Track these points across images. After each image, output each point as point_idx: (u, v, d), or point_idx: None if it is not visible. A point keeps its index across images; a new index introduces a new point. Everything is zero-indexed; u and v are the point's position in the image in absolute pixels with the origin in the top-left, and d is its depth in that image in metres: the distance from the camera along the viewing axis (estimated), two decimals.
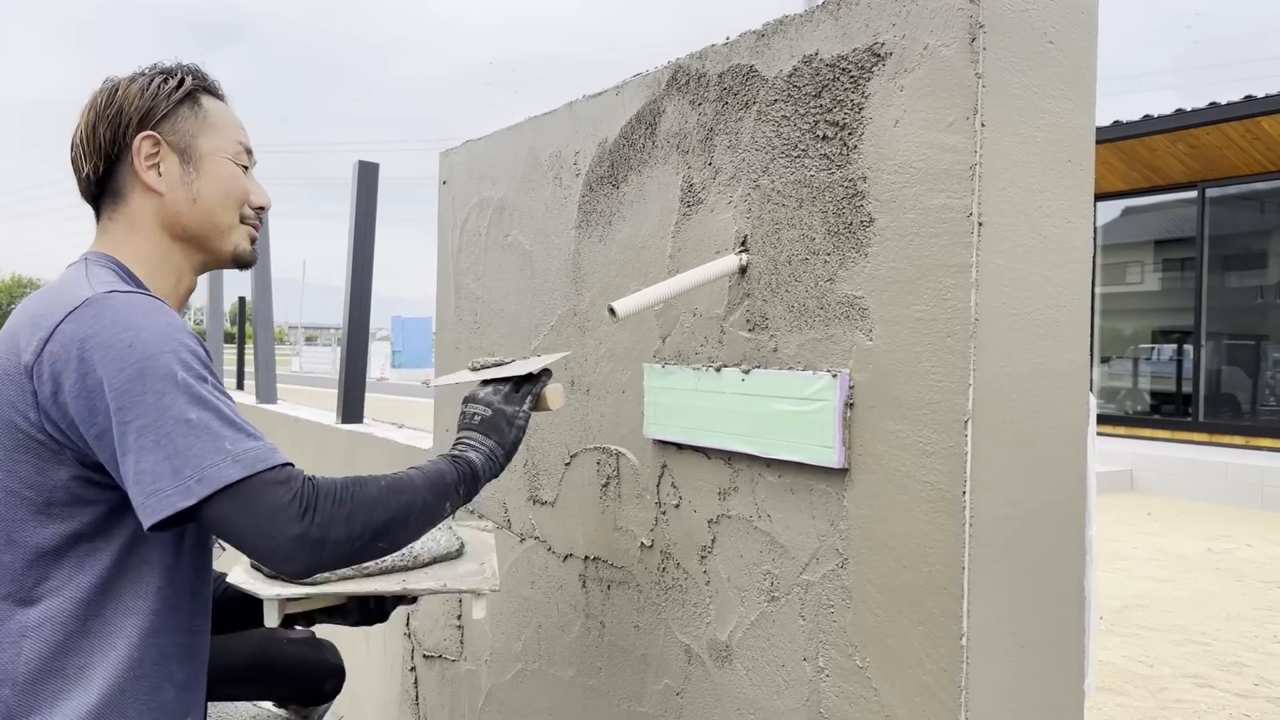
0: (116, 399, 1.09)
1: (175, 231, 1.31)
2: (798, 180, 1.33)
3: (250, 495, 1.09)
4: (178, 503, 1.07)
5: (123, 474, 1.10)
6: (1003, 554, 1.14)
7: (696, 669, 1.50)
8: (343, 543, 1.14)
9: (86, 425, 1.11)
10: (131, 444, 1.08)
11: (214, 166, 1.33)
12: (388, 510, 1.18)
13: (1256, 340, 11.34)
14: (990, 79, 1.11)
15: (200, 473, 1.08)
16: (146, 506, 1.08)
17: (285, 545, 1.09)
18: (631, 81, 1.67)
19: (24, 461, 1.15)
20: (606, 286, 1.72)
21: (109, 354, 1.10)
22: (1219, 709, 4.31)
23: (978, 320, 1.11)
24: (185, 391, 1.10)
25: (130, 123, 1.28)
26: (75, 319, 1.13)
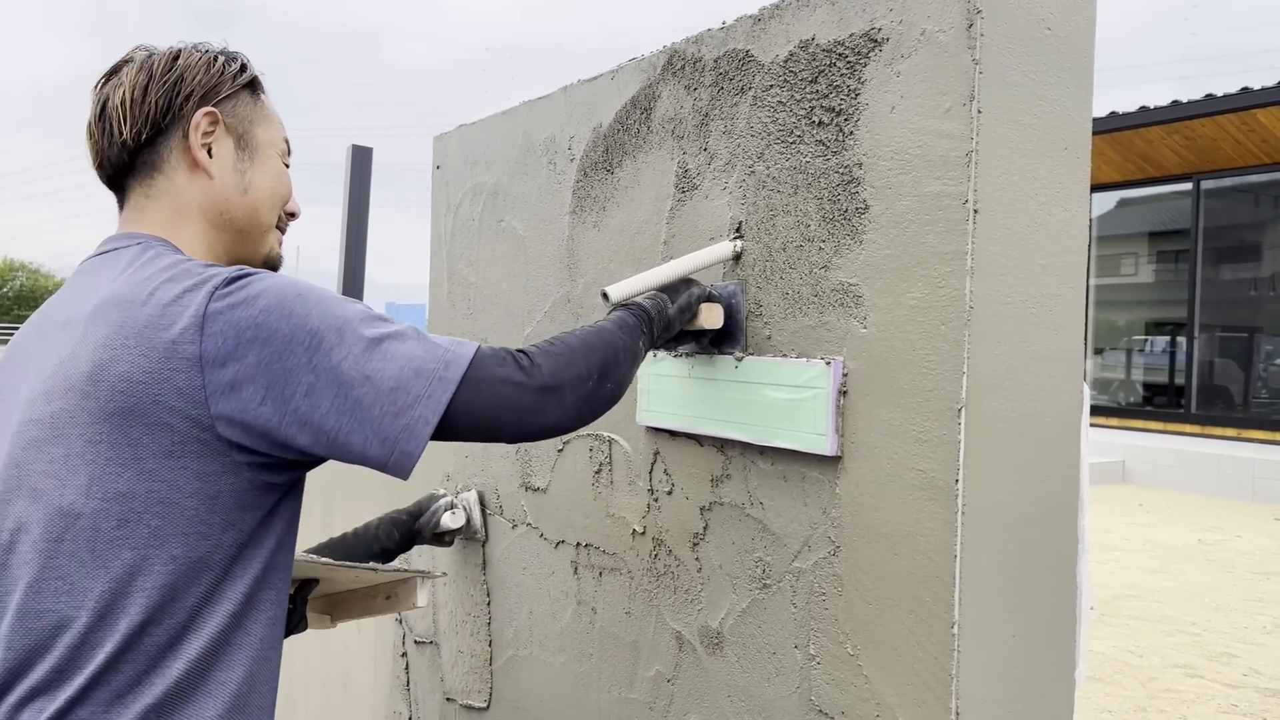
0: (315, 344, 1.03)
1: (220, 221, 1.22)
2: (793, 166, 1.33)
3: (480, 376, 1.08)
4: (441, 398, 1.05)
5: (348, 410, 1.03)
6: (995, 542, 1.14)
7: (688, 656, 1.50)
8: (578, 382, 1.15)
9: (280, 390, 1.02)
10: (356, 373, 1.03)
11: (267, 160, 1.27)
12: (598, 350, 1.19)
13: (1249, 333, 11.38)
14: (987, 65, 1.11)
15: (441, 367, 1.06)
16: (410, 415, 1.04)
17: (534, 401, 1.11)
18: (626, 66, 1.66)
19: (184, 467, 1.03)
20: (600, 272, 1.71)
21: (285, 309, 1.03)
22: (1208, 699, 4.34)
23: (972, 308, 1.10)
24: (377, 318, 1.08)
25: (191, 95, 1.20)
26: (224, 295, 1.04)
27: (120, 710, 1.01)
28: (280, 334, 1.03)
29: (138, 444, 1.02)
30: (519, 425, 1.12)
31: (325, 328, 1.04)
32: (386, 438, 1.05)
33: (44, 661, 1.02)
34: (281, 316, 1.03)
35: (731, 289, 1.42)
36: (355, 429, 1.04)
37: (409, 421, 1.05)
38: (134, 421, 1.02)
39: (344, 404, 1.03)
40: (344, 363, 1.04)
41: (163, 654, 1.02)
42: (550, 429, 1.16)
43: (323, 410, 1.03)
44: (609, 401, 1.21)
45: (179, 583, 1.03)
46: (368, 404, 1.04)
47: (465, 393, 1.07)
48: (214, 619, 1.06)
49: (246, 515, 1.07)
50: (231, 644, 1.07)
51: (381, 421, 1.04)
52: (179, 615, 1.03)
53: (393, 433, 1.05)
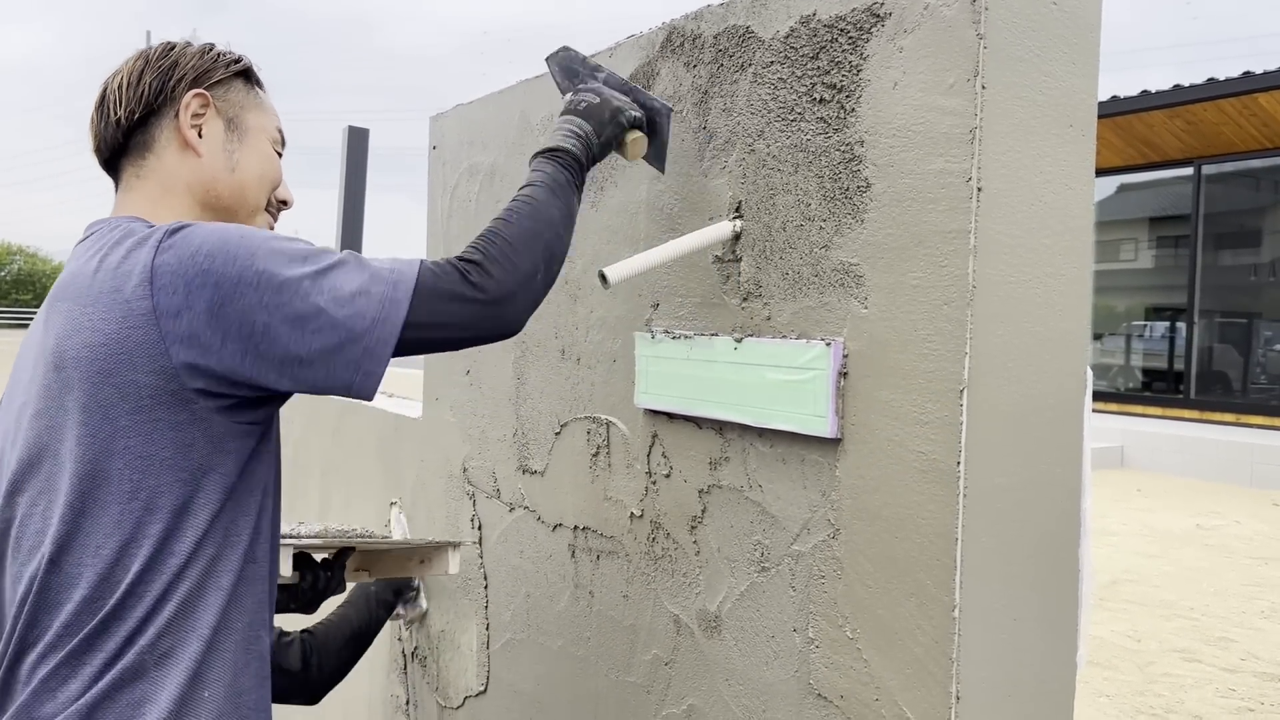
0: (263, 283, 1.06)
1: (207, 199, 1.27)
2: (793, 144, 1.31)
3: (429, 295, 1.11)
4: (395, 319, 1.08)
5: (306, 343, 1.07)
6: (997, 525, 1.12)
7: (685, 639, 1.49)
8: (527, 281, 1.18)
9: (236, 331, 1.06)
10: (308, 305, 1.06)
11: (256, 143, 1.31)
12: (541, 236, 1.21)
13: (1249, 318, 11.37)
14: (992, 40, 1.08)
15: (389, 289, 1.09)
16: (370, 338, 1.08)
17: (487, 313, 1.14)
18: (625, 43, 1.64)
19: (157, 419, 1.08)
20: (598, 253, 1.69)
21: (228, 252, 1.06)
22: (1205, 683, 4.34)
23: (975, 288, 1.09)
24: (319, 251, 1.11)
25: (183, 78, 1.25)
26: (168, 248, 1.08)
27: (121, 657, 1.08)
28: (228, 277, 1.06)
29: (109, 405, 1.07)
30: (476, 333, 1.16)
31: (271, 265, 1.07)
32: (349, 362, 1.08)
33: (50, 617, 1.09)
34: (227, 259, 1.06)
35: (656, 106, 1.40)
36: (317, 359, 1.08)
37: (369, 344, 1.08)
38: (102, 384, 1.07)
39: (301, 336, 1.07)
40: (295, 298, 1.07)
41: (156, 600, 1.09)
42: (504, 334, 1.20)
43: (282, 345, 1.07)
44: (555, 276, 1.25)
45: (166, 533, 1.09)
46: (326, 333, 1.07)
47: (418, 312, 1.10)
48: (200, 560, 1.11)
49: (222, 459, 1.12)
50: (217, 584, 1.13)
51: (343, 349, 1.08)
52: (171, 562, 1.09)
53: (354, 357, 1.08)
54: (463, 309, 1.13)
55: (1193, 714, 4.01)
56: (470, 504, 2.08)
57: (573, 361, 1.76)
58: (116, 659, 1.08)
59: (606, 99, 1.37)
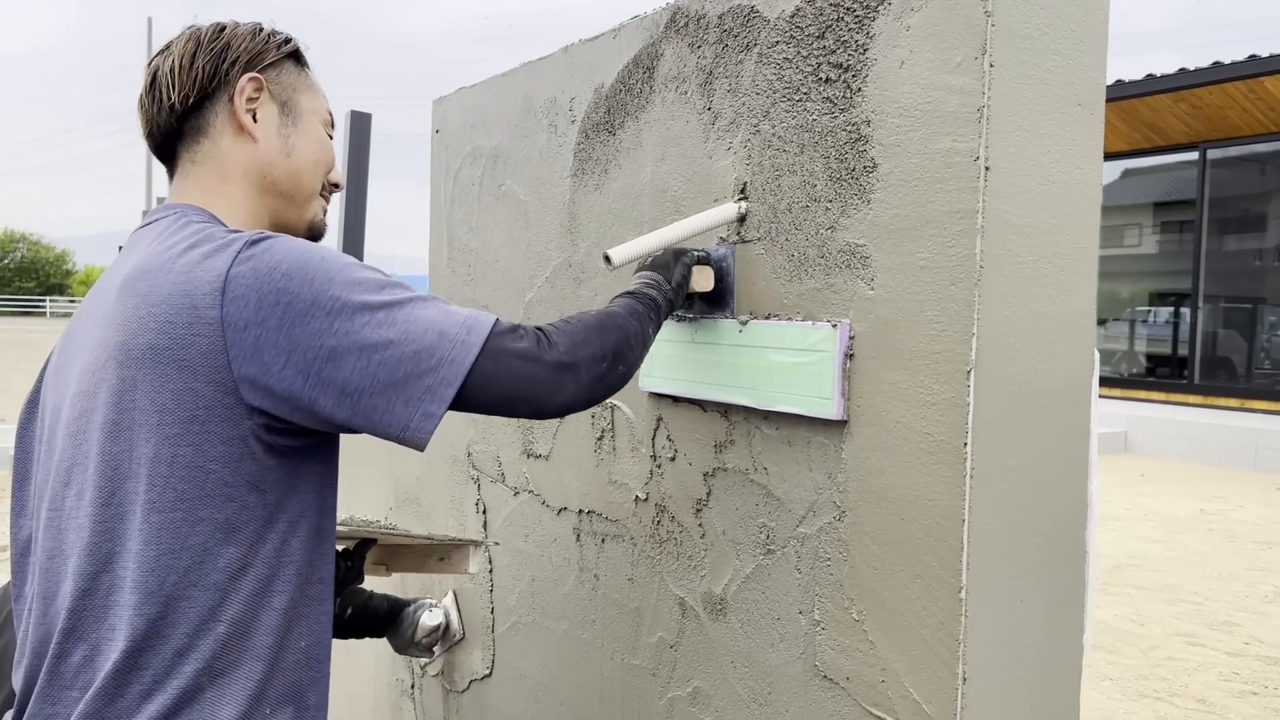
0: (337, 309, 1.04)
1: (265, 184, 1.25)
2: (799, 125, 1.30)
3: (500, 347, 1.09)
4: (464, 361, 1.06)
5: (371, 373, 1.05)
6: (1004, 507, 1.12)
7: (691, 622, 1.49)
8: (592, 362, 1.16)
9: (302, 354, 1.03)
10: (378, 337, 1.04)
11: (310, 126, 1.30)
12: (612, 333, 1.21)
13: (1253, 303, 11.33)
14: (1000, 18, 1.07)
15: (464, 332, 1.07)
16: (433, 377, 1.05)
17: (549, 377, 1.12)
18: (629, 24, 1.63)
19: (209, 432, 1.05)
20: (602, 236, 1.69)
21: (307, 273, 1.04)
22: (1209, 667, 4.35)
23: (983, 268, 1.08)
24: (397, 284, 1.09)
25: (237, 60, 1.23)
26: (244, 259, 1.05)
27: (175, 675, 1.05)
28: (303, 298, 1.04)
29: (164, 410, 1.04)
30: (535, 400, 1.13)
31: (347, 293, 1.05)
32: (409, 399, 1.06)
33: (99, 625, 1.07)
34: (304, 280, 1.04)
35: (722, 252, 1.41)
36: (379, 392, 1.05)
37: (431, 383, 1.06)
38: (160, 388, 1.04)
39: (367, 367, 1.04)
40: (366, 327, 1.05)
41: (204, 618, 1.06)
42: (565, 406, 1.17)
43: (345, 373, 1.04)
44: (620, 383, 1.23)
45: (210, 545, 1.06)
46: (390, 367, 1.05)
47: (484, 362, 1.08)
48: (249, 580, 1.08)
49: (270, 478, 1.09)
50: (270, 605, 1.10)
51: (405, 385, 1.05)
52: (216, 578, 1.06)
53: (415, 395, 1.06)
54: (527, 367, 1.11)
55: (1196, 697, 4.01)
56: (475, 488, 2.08)
57: None
58: (169, 675, 1.05)
59: (670, 249, 1.40)
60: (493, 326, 1.10)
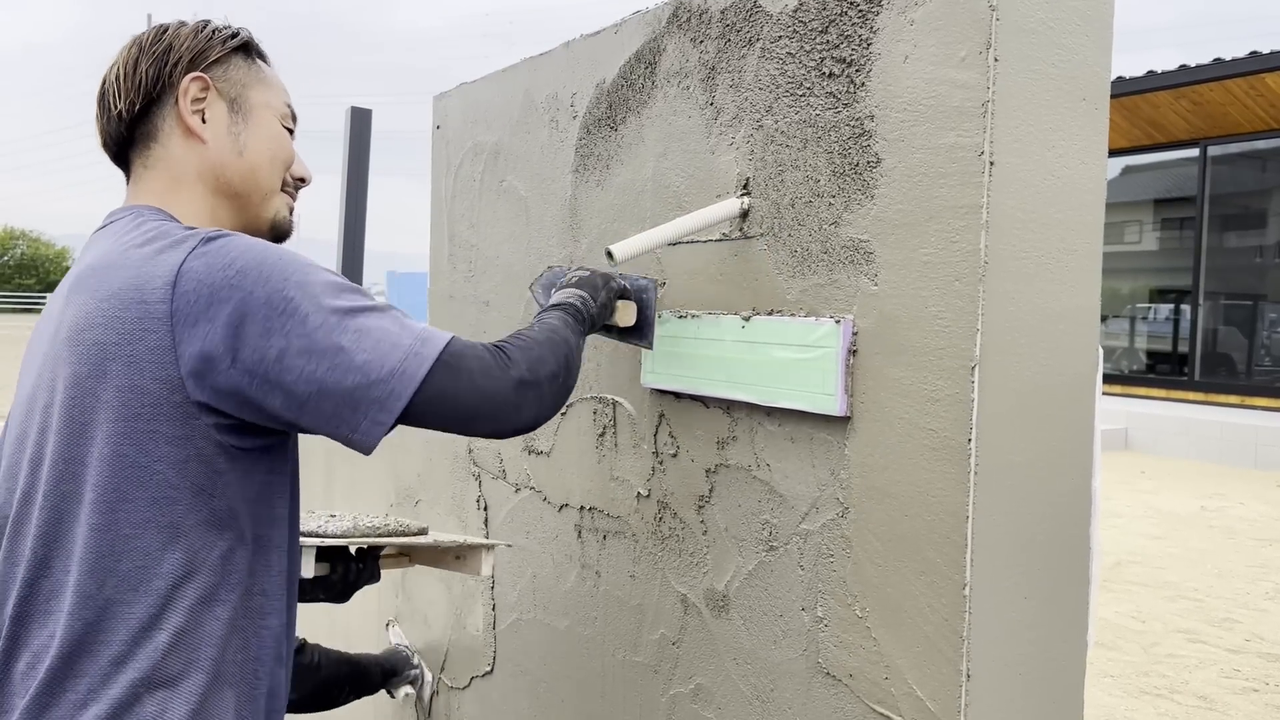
0: (290, 310, 1.01)
1: (219, 186, 1.22)
2: (802, 120, 1.29)
3: (457, 362, 1.06)
4: (416, 374, 1.03)
5: (319, 378, 1.01)
6: (1008, 503, 1.12)
7: (693, 619, 1.48)
8: (550, 379, 1.15)
9: (250, 353, 1.01)
10: (329, 342, 1.01)
11: (263, 122, 1.26)
12: (561, 348, 1.20)
13: (1254, 300, 11.33)
14: (1004, 12, 1.07)
15: (418, 344, 1.04)
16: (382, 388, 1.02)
17: (509, 394, 1.10)
18: (631, 19, 1.62)
19: (154, 431, 1.02)
20: (604, 232, 1.68)
21: (262, 273, 1.02)
22: (1210, 664, 4.35)
23: (987, 263, 1.07)
24: (354, 290, 1.07)
25: (179, 61, 1.20)
26: (198, 255, 1.03)
27: (111, 685, 1.02)
28: (256, 297, 1.01)
29: (109, 406, 1.02)
30: (495, 418, 1.11)
31: (301, 294, 1.03)
32: (356, 407, 1.03)
33: (36, 626, 1.04)
34: (258, 279, 1.02)
35: (644, 284, 1.44)
36: (325, 397, 1.03)
37: (380, 394, 1.03)
38: (105, 384, 1.02)
39: (315, 371, 1.02)
40: (318, 331, 1.02)
41: (144, 625, 1.03)
42: (525, 425, 1.16)
43: (293, 376, 1.02)
44: (567, 396, 1.22)
45: (152, 549, 1.03)
46: (339, 373, 1.02)
47: (440, 375, 1.05)
48: (193, 588, 1.05)
49: (218, 481, 1.06)
50: (214, 614, 1.07)
51: (354, 392, 1.03)
52: (157, 584, 1.03)
53: (361, 403, 1.03)
54: (488, 384, 1.09)
55: (1197, 694, 4.01)
56: (476, 485, 2.07)
57: None
58: (105, 684, 1.02)
59: (595, 271, 1.41)
60: (448, 343, 1.08)
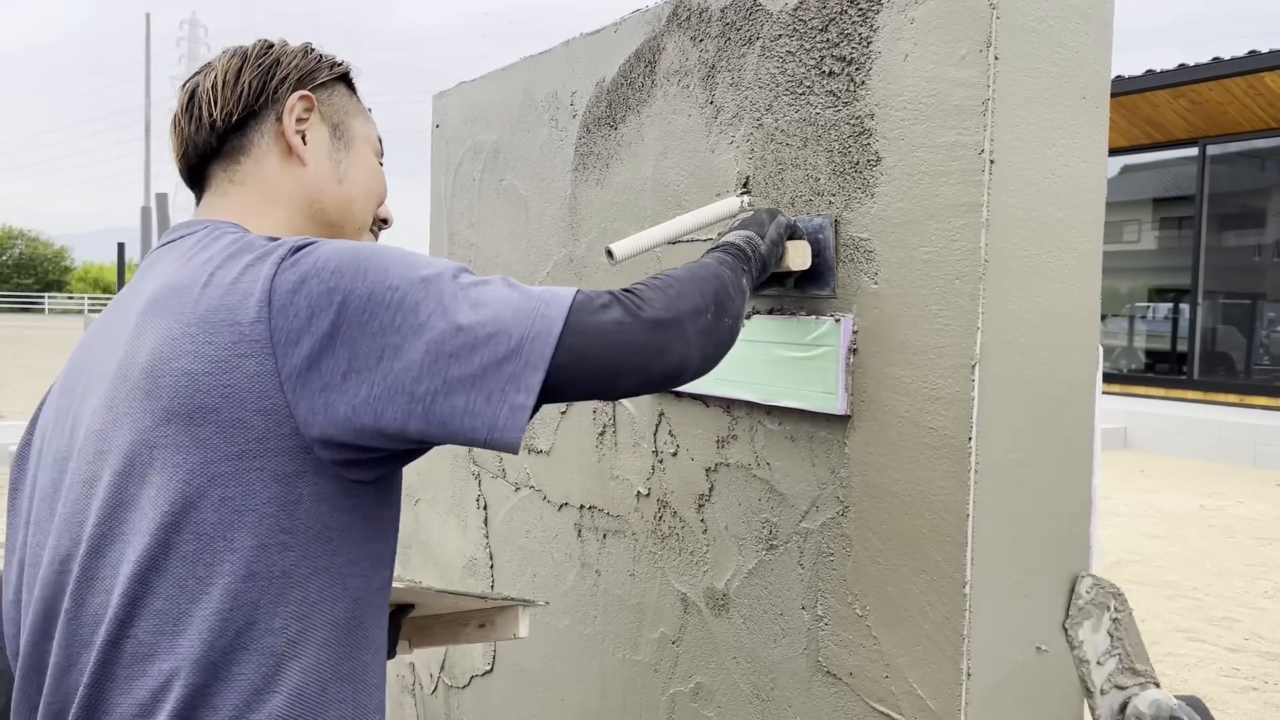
0: (397, 301, 0.90)
1: (313, 212, 1.14)
2: (802, 119, 1.29)
3: (585, 319, 0.93)
4: (548, 339, 0.91)
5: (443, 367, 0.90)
6: (1008, 501, 1.12)
7: (693, 618, 1.48)
8: (696, 315, 1.01)
9: (364, 357, 0.90)
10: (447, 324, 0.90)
11: (363, 154, 1.19)
12: (709, 283, 1.06)
13: (1252, 299, 11.33)
14: (1004, 10, 1.07)
15: (542, 305, 0.93)
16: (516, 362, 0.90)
17: (650, 340, 0.96)
18: (631, 18, 1.62)
19: (260, 469, 0.91)
20: (604, 231, 1.68)
21: (359, 267, 0.92)
22: (1209, 663, 4.35)
23: (987, 262, 1.07)
24: (460, 267, 0.96)
25: (287, 78, 1.13)
26: (288, 267, 0.92)
27: None
28: (357, 295, 0.91)
29: (207, 445, 0.91)
30: (641, 369, 0.97)
31: (407, 281, 0.92)
32: (492, 392, 0.90)
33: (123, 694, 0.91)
34: (357, 275, 0.92)
35: (819, 222, 1.26)
36: (455, 389, 0.90)
37: (515, 369, 0.91)
38: (201, 421, 0.91)
39: (436, 362, 0.90)
40: (433, 316, 0.91)
41: (257, 688, 0.91)
42: (676, 369, 1.01)
43: (415, 372, 0.90)
44: (729, 339, 1.08)
45: (262, 602, 0.92)
46: (464, 357, 0.90)
47: (570, 337, 0.92)
48: (311, 645, 0.94)
49: (333, 522, 0.95)
50: (339, 673, 0.96)
51: (484, 375, 0.91)
52: (269, 640, 0.92)
53: (498, 385, 0.90)
54: (622, 333, 0.95)
55: (1196, 693, 4.01)
56: (476, 484, 2.07)
57: None
58: None
59: (760, 210, 1.28)
60: (574, 296, 0.95)
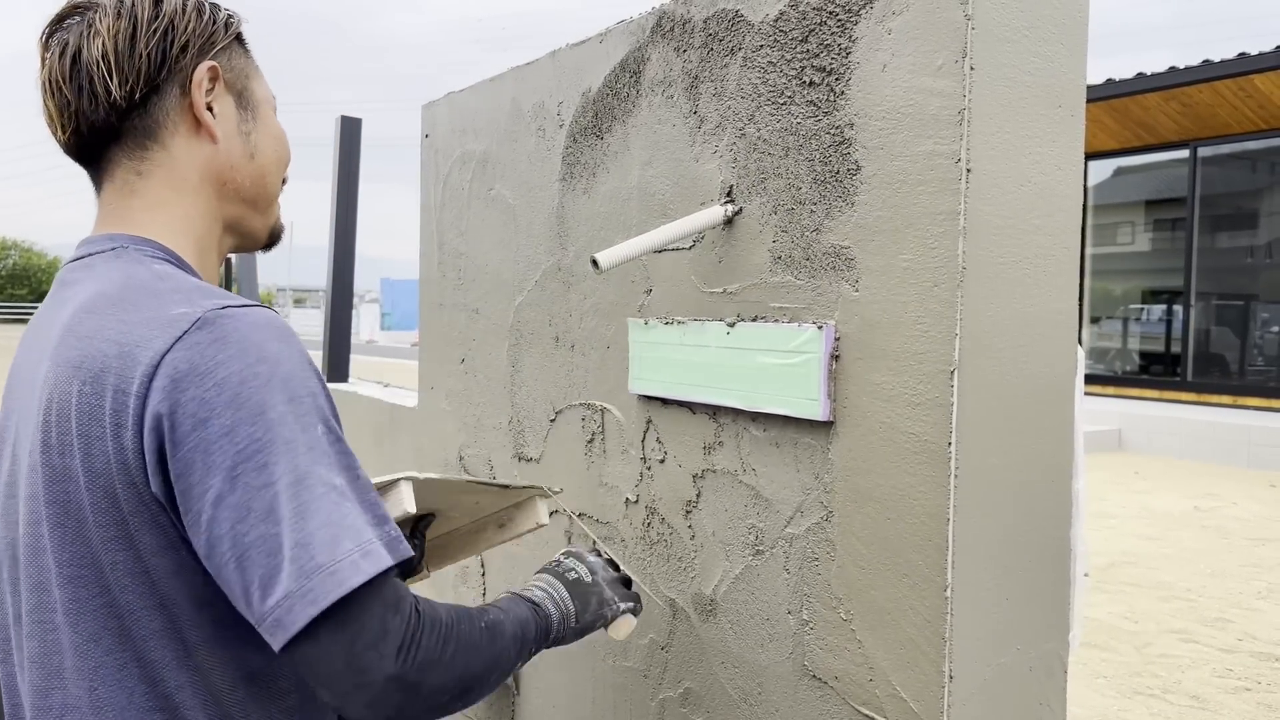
0: (247, 454, 0.84)
1: (226, 191, 1.06)
2: (784, 128, 1.31)
3: (362, 609, 0.84)
4: (333, 591, 0.82)
5: (240, 551, 0.83)
6: (988, 506, 1.13)
7: (681, 623, 1.49)
8: (435, 693, 0.90)
9: (192, 484, 0.85)
10: (266, 508, 0.83)
11: (269, 119, 1.10)
12: (483, 660, 0.97)
13: (1245, 300, 11.37)
14: (980, 21, 1.08)
15: (360, 548, 0.84)
16: (301, 589, 0.82)
17: (376, 684, 0.85)
18: (615, 29, 1.64)
19: (144, 532, 0.88)
20: (591, 239, 1.69)
21: (239, 397, 0.85)
22: (1203, 664, 4.36)
23: (965, 269, 1.09)
24: (333, 449, 0.88)
25: (187, 45, 1.00)
26: (187, 345, 0.86)
27: None
28: (220, 421, 0.84)
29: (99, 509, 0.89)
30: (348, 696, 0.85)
31: (269, 438, 0.85)
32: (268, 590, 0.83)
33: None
34: (231, 402, 0.85)
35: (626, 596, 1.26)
36: (237, 567, 0.84)
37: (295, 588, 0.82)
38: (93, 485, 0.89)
39: (238, 537, 0.84)
40: (263, 489, 0.84)
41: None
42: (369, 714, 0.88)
43: (219, 529, 0.84)
44: (449, 713, 0.96)
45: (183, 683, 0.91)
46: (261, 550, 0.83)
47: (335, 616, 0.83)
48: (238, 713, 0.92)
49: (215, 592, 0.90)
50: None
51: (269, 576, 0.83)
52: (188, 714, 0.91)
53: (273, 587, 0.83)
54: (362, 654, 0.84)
55: (1190, 694, 4.02)
56: None
57: (566, 348, 1.77)
58: None
59: (600, 585, 1.22)
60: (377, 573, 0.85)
